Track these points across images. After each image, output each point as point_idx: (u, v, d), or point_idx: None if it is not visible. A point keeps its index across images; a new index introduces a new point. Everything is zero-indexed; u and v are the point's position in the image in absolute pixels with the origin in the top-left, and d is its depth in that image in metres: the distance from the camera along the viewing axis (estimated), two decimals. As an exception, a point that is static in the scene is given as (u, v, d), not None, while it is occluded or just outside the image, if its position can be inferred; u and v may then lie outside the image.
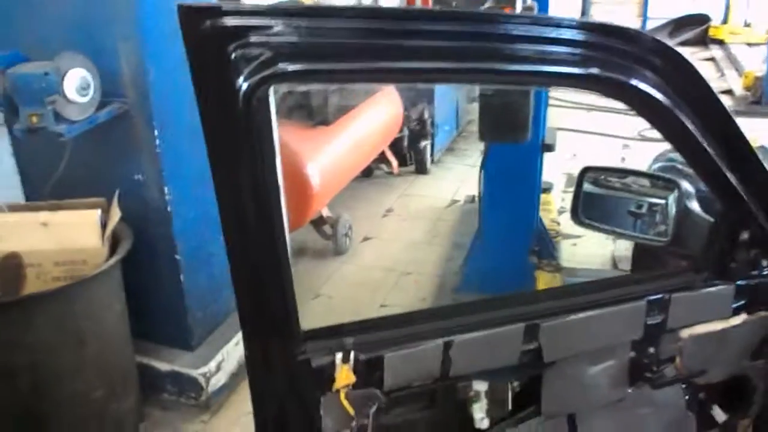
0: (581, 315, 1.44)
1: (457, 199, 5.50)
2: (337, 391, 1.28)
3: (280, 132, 3.65)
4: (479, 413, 1.52)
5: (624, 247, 4.22)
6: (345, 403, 1.29)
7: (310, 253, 4.72)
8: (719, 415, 1.80)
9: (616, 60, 1.13)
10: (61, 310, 2.62)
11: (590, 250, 4.45)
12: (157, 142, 2.91)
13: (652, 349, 1.58)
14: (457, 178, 5.87)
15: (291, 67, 0.91)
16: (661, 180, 1.90)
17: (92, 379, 2.78)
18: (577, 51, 1.11)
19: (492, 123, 3.16)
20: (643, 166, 3.47)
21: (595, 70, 1.13)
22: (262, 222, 1.11)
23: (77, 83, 2.61)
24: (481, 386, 1.49)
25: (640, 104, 1.21)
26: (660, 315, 1.53)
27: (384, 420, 1.45)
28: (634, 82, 1.16)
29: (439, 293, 4.08)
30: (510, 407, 1.55)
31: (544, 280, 3.65)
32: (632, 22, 10.75)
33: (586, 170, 1.88)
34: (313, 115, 4.44)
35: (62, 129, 2.63)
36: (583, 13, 11.13)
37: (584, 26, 1.12)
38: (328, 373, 1.27)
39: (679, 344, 1.59)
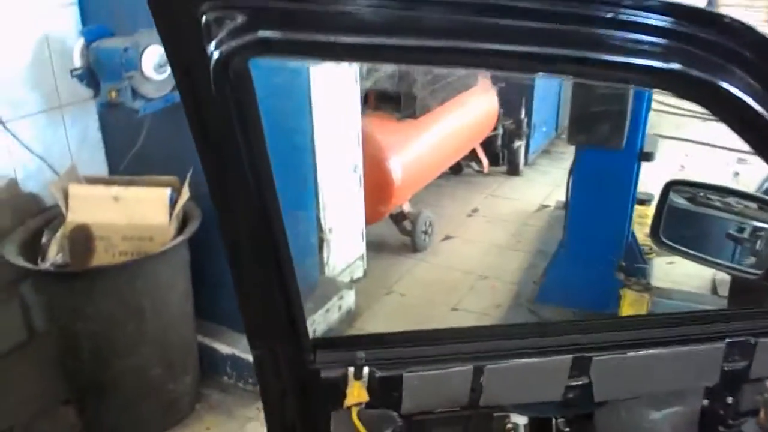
0: (643, 352, 1.23)
1: (548, 204, 5.22)
2: (349, 408, 1.15)
3: (364, 123, 3.54)
4: (516, 449, 1.35)
5: (727, 271, 3.84)
6: (357, 422, 1.15)
7: (388, 248, 4.62)
8: (809, 481, 1.53)
9: (703, 54, 0.92)
10: (124, 284, 2.64)
11: (688, 271, 4.07)
12: (267, 145, 2.87)
13: (730, 399, 1.35)
14: (551, 182, 5.58)
15: (273, 36, 0.77)
16: (760, 201, 1.64)
17: (151, 356, 2.80)
18: (656, 40, 0.90)
19: (583, 124, 2.94)
20: (756, 183, 3.12)
21: (677, 66, 0.92)
22: (257, 217, 0.99)
23: (155, 60, 2.61)
24: (520, 419, 1.32)
25: (729, 112, 0.98)
26: (743, 360, 1.29)
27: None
28: (723, 84, 0.94)
29: (514, 302, 3.87)
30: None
31: (630, 300, 3.36)
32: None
33: (672, 184, 1.65)
34: (401, 107, 4.31)
35: (138, 105, 2.65)
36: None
37: (666, 9, 0.91)
38: (340, 387, 1.14)
39: (765, 396, 1.34)
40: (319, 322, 3.47)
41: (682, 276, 4.07)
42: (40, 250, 2.79)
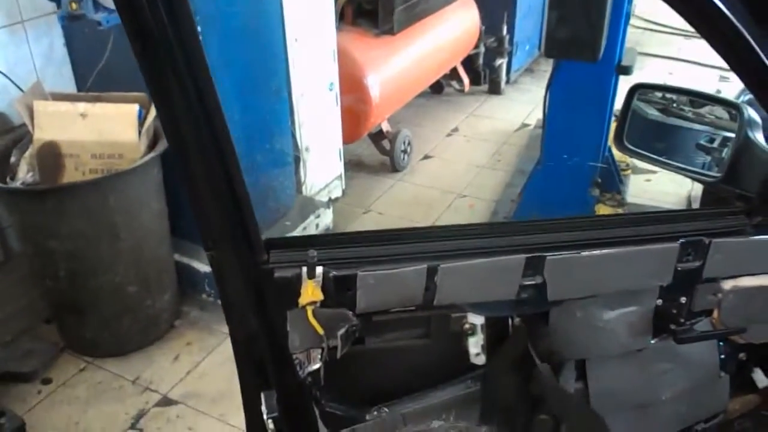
0: (597, 252, 1.25)
1: (529, 123, 5.19)
2: (304, 307, 1.16)
3: (340, 39, 3.45)
4: (474, 348, 1.37)
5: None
6: (312, 320, 1.17)
7: (367, 167, 4.61)
8: (761, 380, 1.59)
9: None
10: (95, 201, 2.63)
11: (665, 188, 4.12)
12: (200, 38, 2.78)
13: (683, 299, 1.38)
14: (532, 100, 5.52)
15: None
16: (722, 103, 1.62)
17: (126, 274, 2.81)
18: None
19: (559, 36, 2.86)
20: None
21: None
22: (196, 112, 0.97)
23: (116, -31, 2.50)
24: (477, 319, 1.34)
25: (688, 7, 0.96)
26: (697, 260, 1.31)
27: (367, 345, 1.34)
28: None
29: (491, 219, 3.90)
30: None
31: (605, 215, 3.39)
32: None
33: (637, 88, 1.62)
34: (379, 22, 4.19)
35: (100, 17, 2.55)
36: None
37: None
38: (294, 286, 1.15)
39: (718, 296, 1.37)
40: (296, 241, 3.48)
41: (658, 193, 4.11)
42: (9, 169, 2.76)
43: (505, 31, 5.52)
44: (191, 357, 3.00)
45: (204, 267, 3.23)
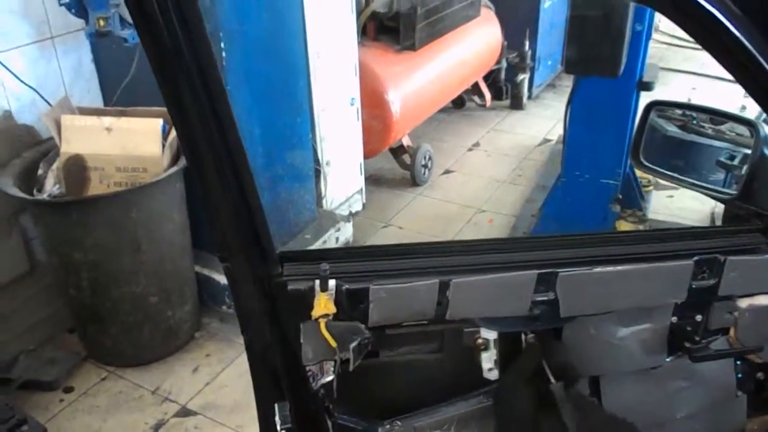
0: (610, 268, 1.25)
1: (550, 138, 5.18)
2: (317, 320, 1.17)
3: (362, 55, 3.49)
4: (488, 363, 1.38)
5: (727, 204, 3.82)
6: (325, 333, 1.18)
7: (387, 182, 4.63)
8: (780, 399, 1.56)
9: None
10: (118, 214, 2.68)
11: (687, 205, 4.08)
12: (224, 54, 2.84)
13: (699, 317, 1.37)
14: (554, 116, 5.51)
15: None
16: (737, 120, 1.61)
17: (148, 285, 2.85)
18: None
19: (580, 51, 2.87)
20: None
21: None
22: (211, 127, 0.99)
23: (142, -13, 2.56)
24: (490, 334, 1.35)
25: (676, 7, 0.96)
26: (711, 278, 1.31)
27: (380, 358, 1.35)
28: None
29: (511, 235, 3.89)
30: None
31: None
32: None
33: (653, 105, 1.62)
34: (401, 38, 4.23)
35: (126, 34, 2.62)
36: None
37: None
38: (307, 299, 1.17)
39: (735, 314, 1.36)
40: (316, 254, 3.50)
41: (680, 210, 4.08)
42: (36, 181, 2.82)
43: (527, 47, 5.53)
44: (210, 368, 3.02)
45: (225, 279, 3.25)
